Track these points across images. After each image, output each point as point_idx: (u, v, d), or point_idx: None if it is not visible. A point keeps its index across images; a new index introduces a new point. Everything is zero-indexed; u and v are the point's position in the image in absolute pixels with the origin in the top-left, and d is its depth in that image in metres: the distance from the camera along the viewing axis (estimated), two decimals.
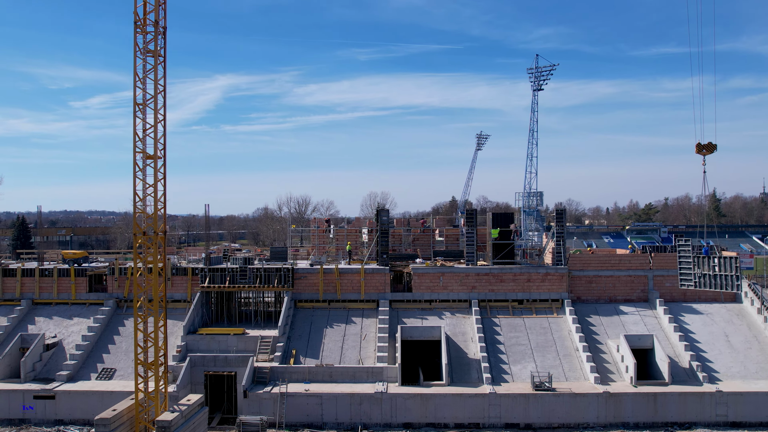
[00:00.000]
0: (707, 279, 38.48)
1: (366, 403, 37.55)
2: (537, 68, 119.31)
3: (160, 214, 31.72)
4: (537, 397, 37.35)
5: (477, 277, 46.09)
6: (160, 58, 31.25)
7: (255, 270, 45.51)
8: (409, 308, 45.99)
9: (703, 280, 38.56)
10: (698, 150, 37.15)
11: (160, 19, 31.13)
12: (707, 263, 38.57)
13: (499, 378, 39.92)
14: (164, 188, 31.61)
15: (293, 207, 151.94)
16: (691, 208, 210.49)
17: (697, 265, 38.93)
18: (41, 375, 40.52)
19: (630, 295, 47.13)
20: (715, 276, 38.09)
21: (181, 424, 29.79)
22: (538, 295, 46.11)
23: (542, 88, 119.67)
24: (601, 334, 43.66)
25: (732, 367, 40.57)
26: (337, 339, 43.27)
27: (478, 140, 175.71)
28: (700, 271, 38.77)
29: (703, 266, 38.64)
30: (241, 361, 39.71)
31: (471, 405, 37.38)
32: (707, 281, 38.37)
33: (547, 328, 44.17)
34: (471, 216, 47.21)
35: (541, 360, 41.30)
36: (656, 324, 44.49)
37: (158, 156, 31.19)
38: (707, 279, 38.48)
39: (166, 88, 31.36)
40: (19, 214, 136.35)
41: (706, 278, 38.53)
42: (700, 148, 37.01)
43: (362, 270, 46.02)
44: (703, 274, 38.63)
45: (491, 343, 42.79)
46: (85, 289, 46.65)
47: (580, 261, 47.58)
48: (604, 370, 40.59)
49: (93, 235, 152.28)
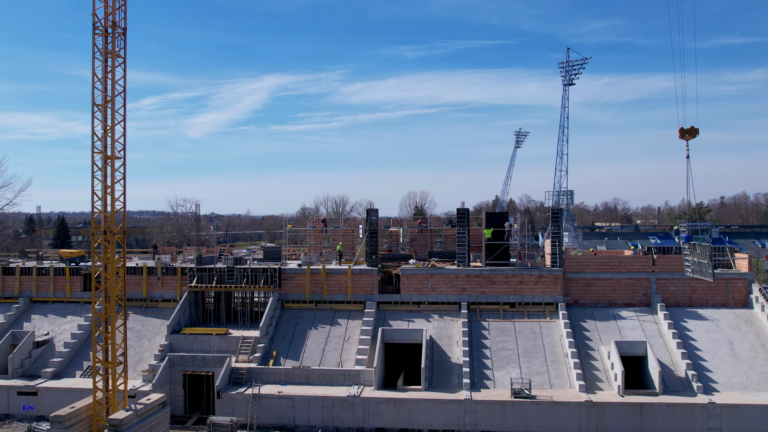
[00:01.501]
0: (698, 266, 37.62)
1: (338, 406, 36.83)
2: (568, 62, 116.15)
3: (121, 214, 31.85)
4: (515, 404, 35.81)
5: (467, 278, 44.71)
6: (119, 59, 31.36)
7: (242, 270, 45.44)
8: (397, 310, 45.01)
9: (695, 267, 37.76)
10: (681, 135, 35.68)
11: (120, 20, 31.22)
12: (697, 252, 37.63)
13: (481, 384, 38.51)
14: (124, 188, 31.71)
15: (330, 206, 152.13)
16: (748, 207, 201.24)
17: (694, 254, 37.89)
18: (30, 372, 41.46)
19: (631, 299, 44.82)
20: (699, 263, 37.01)
21: (134, 423, 29.75)
22: (531, 298, 44.36)
23: (573, 83, 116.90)
24: (594, 339, 41.64)
25: (733, 377, 37.97)
26: (320, 341, 42.71)
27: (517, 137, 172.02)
28: (692, 259, 37.72)
29: (694, 253, 37.63)
30: (218, 362, 39.64)
31: (446, 411, 36.15)
32: (699, 268, 37.55)
33: (538, 333, 42.43)
34: (462, 216, 45.85)
35: (527, 366, 39.66)
36: (655, 330, 42.13)
37: (116, 156, 31.29)
38: (698, 266, 37.62)
39: (126, 89, 31.47)
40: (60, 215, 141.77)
41: (698, 266, 37.62)
42: (683, 132, 35.53)
43: (349, 271, 45.32)
44: (695, 261, 37.57)
45: (477, 347, 41.38)
46: (80, 287, 47.60)
47: (577, 263, 45.56)
48: (593, 377, 38.65)
49: (132, 234, 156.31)
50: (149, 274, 46.75)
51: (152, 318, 45.12)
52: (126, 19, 31.45)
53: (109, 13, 30.83)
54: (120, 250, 32.99)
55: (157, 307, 46.26)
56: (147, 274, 46.68)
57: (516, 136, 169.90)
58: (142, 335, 44.03)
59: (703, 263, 37.27)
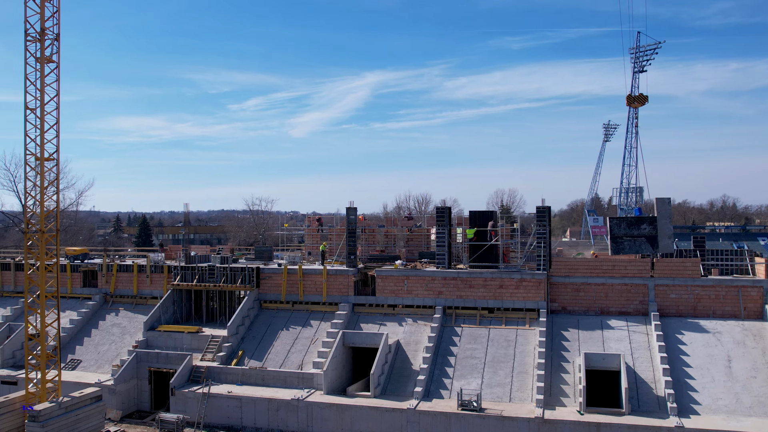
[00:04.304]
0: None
1: (283, 409, 36.03)
2: (638, 47, 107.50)
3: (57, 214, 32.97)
4: (460, 417, 33.37)
5: (444, 281, 42.35)
6: (53, 64, 32.42)
7: (222, 269, 45.77)
8: (372, 313, 43.48)
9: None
10: (629, 102, 33.62)
11: (49, 28, 32.18)
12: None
13: (436, 393, 36.27)
14: (57, 189, 32.76)
15: (413, 205, 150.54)
16: None
17: None
18: (20, 363, 44.01)
19: (626, 307, 40.53)
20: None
21: (56, 415, 30.53)
22: (512, 304, 41.23)
23: (645, 70, 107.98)
24: (572, 351, 38.04)
25: (721, 398, 33.27)
26: (288, 342, 42.09)
27: (605, 131, 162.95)
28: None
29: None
30: (180, 359, 40.09)
31: (388, 420, 34.31)
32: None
33: (512, 341, 39.40)
34: (442, 214, 43.55)
35: (491, 376, 36.91)
36: (644, 342, 37.84)
37: (49, 158, 32.38)
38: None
39: (60, 92, 32.49)
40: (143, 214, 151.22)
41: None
42: (631, 100, 33.40)
43: (324, 271, 44.37)
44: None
45: (443, 354, 39.07)
46: (80, 284, 50.02)
47: (565, 266, 41.87)
48: (560, 392, 35.27)
49: (215, 233, 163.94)
50: (140, 272, 48.28)
51: (140, 315, 46.48)
52: (59, 26, 32.44)
53: (39, 19, 31.89)
54: (51, 247, 34.02)
55: (146, 304, 47.60)
56: (137, 272, 48.24)
57: (605, 129, 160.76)
58: (126, 331, 45.49)
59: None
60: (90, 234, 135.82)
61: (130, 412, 39.92)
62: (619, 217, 42.07)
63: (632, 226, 41.61)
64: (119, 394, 39.19)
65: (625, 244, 41.42)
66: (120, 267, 48.70)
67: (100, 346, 44.55)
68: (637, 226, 41.56)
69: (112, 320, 46.86)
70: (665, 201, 40.81)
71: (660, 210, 40.67)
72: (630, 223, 41.84)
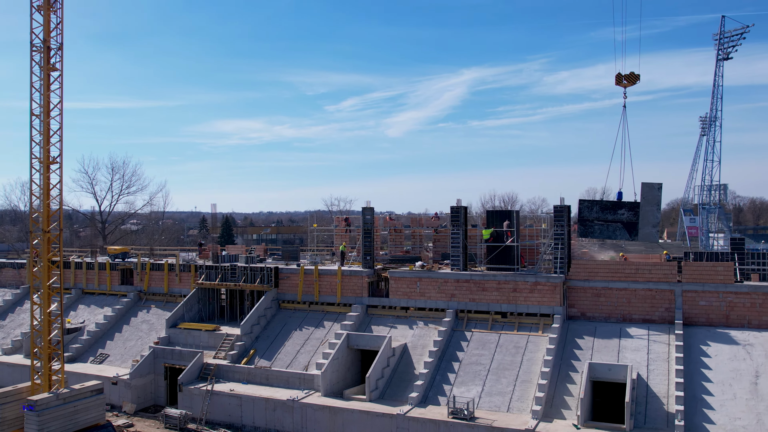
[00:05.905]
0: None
1: (279, 409, 36.02)
2: (723, 33, 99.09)
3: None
4: (449, 425, 31.96)
5: (456, 284, 40.84)
6: (57, 72, 34.14)
7: (243, 269, 46.53)
8: (384, 315, 42.66)
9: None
10: (618, 81, 35.08)
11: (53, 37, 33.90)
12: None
13: (433, 399, 35.01)
14: (60, 191, 34.42)
15: (498, 204, 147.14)
16: None
17: None
18: None
19: (650, 314, 37.38)
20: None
21: (53, 405, 31.97)
22: (526, 308, 39.11)
23: (730, 57, 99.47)
24: (583, 360, 35.44)
25: (739, 418, 29.90)
26: (299, 342, 42.12)
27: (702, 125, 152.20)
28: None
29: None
30: (191, 356, 41.09)
31: (378, 425, 33.45)
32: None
33: (522, 348, 37.37)
34: (456, 214, 42.03)
35: (493, 384, 35.17)
36: (664, 352, 34.71)
37: (55, 161, 34.10)
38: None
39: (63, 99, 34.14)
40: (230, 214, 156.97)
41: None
42: (620, 78, 34.89)
43: (339, 272, 44.03)
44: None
45: (448, 359, 37.67)
46: (118, 281, 52.55)
47: (585, 269, 39.18)
48: (562, 403, 33.04)
49: (297, 233, 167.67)
50: (170, 270, 50.05)
51: (168, 312, 47.86)
52: (63, 35, 34.10)
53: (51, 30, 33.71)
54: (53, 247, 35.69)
55: (176, 302, 49.17)
56: (168, 271, 50.02)
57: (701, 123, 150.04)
58: (153, 327, 47.24)
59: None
60: (177, 233, 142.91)
61: (146, 406, 41.30)
62: (591, 200, 40.19)
63: (606, 210, 38.75)
64: (134, 389, 40.69)
65: (595, 228, 38.71)
66: (153, 266, 50.71)
67: (128, 342, 46.55)
68: (613, 210, 38.55)
69: (142, 317, 48.86)
70: (654, 186, 37.43)
71: (645, 195, 37.44)
72: (604, 207, 39.00)
